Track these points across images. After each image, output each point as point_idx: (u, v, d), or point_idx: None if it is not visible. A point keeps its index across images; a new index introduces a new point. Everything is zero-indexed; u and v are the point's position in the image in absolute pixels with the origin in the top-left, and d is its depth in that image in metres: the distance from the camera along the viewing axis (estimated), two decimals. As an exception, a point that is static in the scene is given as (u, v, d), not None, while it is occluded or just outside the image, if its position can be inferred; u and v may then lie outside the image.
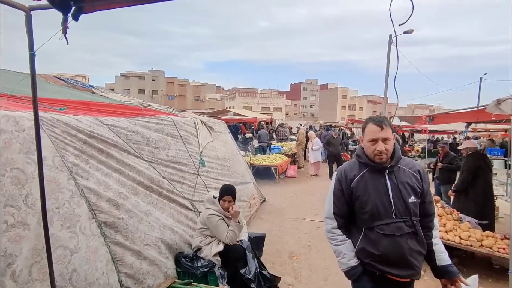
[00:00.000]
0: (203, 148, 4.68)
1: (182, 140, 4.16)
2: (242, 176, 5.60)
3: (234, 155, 5.63)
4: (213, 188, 4.41)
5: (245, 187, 5.48)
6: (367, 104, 68.06)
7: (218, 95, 65.86)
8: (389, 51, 16.53)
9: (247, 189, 5.60)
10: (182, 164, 3.90)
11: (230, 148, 5.64)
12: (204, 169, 4.42)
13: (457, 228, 3.76)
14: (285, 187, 8.74)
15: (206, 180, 4.28)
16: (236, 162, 5.61)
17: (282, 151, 12.21)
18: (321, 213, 6.66)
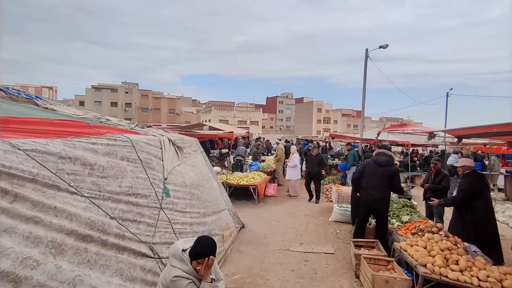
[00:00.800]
0: (169, 174, 3.89)
1: (142, 164, 3.36)
2: (215, 203, 4.82)
3: (206, 180, 4.83)
4: (179, 224, 3.62)
5: (218, 217, 4.68)
6: (341, 117, 69.54)
7: (194, 108, 64.73)
8: (365, 65, 16.61)
9: (221, 219, 4.80)
10: (140, 196, 3.10)
11: (201, 171, 4.83)
12: (169, 200, 3.62)
13: (471, 265, 3.21)
14: (265, 208, 8.01)
15: (171, 214, 3.49)
16: (208, 188, 4.83)
17: (261, 168, 11.54)
18: (307, 241, 5.92)
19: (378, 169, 4.74)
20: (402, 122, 72.60)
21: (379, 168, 4.74)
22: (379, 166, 4.75)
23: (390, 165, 4.76)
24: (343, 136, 15.91)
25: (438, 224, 4.17)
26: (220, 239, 4.63)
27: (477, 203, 4.49)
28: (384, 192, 4.68)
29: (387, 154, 4.87)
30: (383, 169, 4.71)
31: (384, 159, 4.78)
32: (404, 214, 5.25)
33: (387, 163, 4.74)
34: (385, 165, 4.73)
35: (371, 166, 4.85)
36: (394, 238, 4.55)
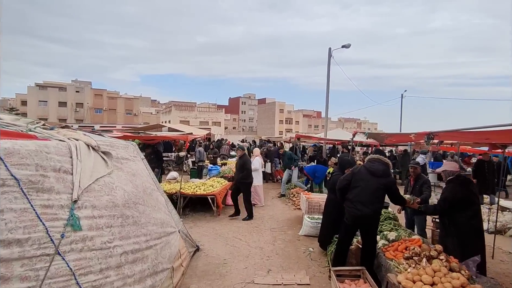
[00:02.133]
0: (86, 191, 2.66)
1: (19, 187, 2.12)
2: (161, 225, 3.63)
3: (148, 194, 3.61)
4: (95, 272, 2.42)
5: (166, 244, 3.49)
6: (303, 118, 70.49)
7: (154, 109, 61.55)
8: (329, 64, 16.22)
9: (170, 246, 3.61)
10: (11, 243, 1.87)
11: (143, 182, 3.61)
12: (78, 236, 2.40)
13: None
14: (226, 222, 6.90)
15: (79, 260, 2.29)
16: (152, 206, 3.62)
17: (221, 173, 10.41)
18: (275, 265, 4.52)
19: (371, 180, 3.89)
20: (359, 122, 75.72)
21: (372, 179, 3.89)
22: (373, 176, 3.91)
23: (386, 175, 3.96)
24: (309, 136, 15.33)
25: (438, 246, 3.41)
26: (168, 275, 3.46)
27: (461, 213, 3.83)
28: (376, 207, 3.87)
29: (383, 162, 4.00)
30: (378, 180, 3.88)
31: (379, 168, 3.94)
32: (389, 230, 4.48)
33: (383, 173, 3.93)
34: (381, 175, 3.90)
35: (362, 175, 3.97)
36: (382, 262, 3.71)
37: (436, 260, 3.18)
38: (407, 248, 3.75)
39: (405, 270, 3.26)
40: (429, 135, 3.08)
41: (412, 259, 3.35)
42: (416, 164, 5.16)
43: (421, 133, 3.20)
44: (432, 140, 3.10)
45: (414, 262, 3.30)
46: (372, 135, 5.09)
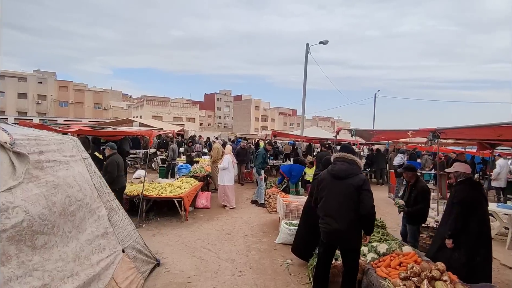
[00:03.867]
0: None
1: None
2: (97, 248, 2.84)
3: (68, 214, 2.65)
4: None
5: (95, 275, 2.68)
6: (279, 115, 70.49)
7: (125, 103, 58.69)
8: (306, 60, 15.81)
9: (101, 276, 2.79)
10: None
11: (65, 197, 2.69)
12: None
13: None
14: (194, 228, 6.14)
15: None
16: (84, 220, 2.82)
17: (192, 172, 9.59)
18: (249, 284, 3.76)
19: (336, 185, 3.20)
20: (333, 121, 77.03)
21: (337, 183, 3.20)
22: (337, 179, 3.21)
23: (353, 174, 3.19)
24: (286, 134, 14.83)
25: (440, 264, 2.90)
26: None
27: (470, 219, 3.41)
28: (350, 218, 3.09)
29: (348, 159, 3.27)
30: (343, 183, 3.16)
31: (342, 168, 3.22)
32: (377, 240, 3.97)
33: (346, 173, 3.19)
34: (345, 176, 3.17)
35: (327, 182, 3.29)
36: (373, 281, 3.17)
37: (440, 283, 2.66)
38: (401, 264, 3.24)
39: (403, 294, 2.73)
40: (434, 132, 2.57)
41: (411, 280, 2.82)
42: (408, 168, 4.57)
43: (424, 129, 2.68)
44: (438, 138, 2.60)
45: (413, 284, 2.77)
46: (360, 132, 4.56)
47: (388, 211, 8.24)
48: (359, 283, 3.46)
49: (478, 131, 2.56)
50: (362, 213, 3.09)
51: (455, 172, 3.52)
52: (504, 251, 5.37)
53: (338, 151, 3.59)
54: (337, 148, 18.30)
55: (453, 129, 2.51)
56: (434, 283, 2.70)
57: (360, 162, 3.41)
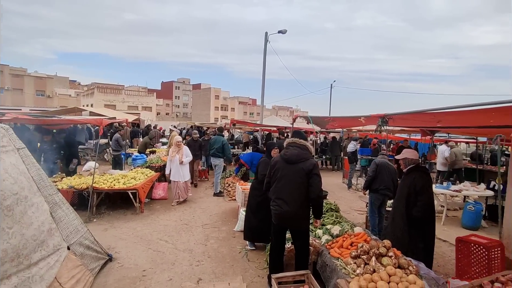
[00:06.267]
0: None
1: None
2: (40, 245, 2.59)
3: (19, 201, 2.49)
4: None
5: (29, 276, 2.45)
6: (238, 105, 70.23)
7: (73, 91, 54.02)
8: (265, 48, 15.80)
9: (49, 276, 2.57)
10: None
11: (7, 184, 2.46)
12: None
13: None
14: (150, 219, 5.92)
15: None
16: (27, 214, 2.55)
17: (148, 162, 9.19)
18: (207, 272, 3.64)
19: (288, 169, 3.28)
20: (291, 110, 78.78)
21: (289, 167, 3.28)
22: (289, 163, 3.29)
23: (304, 159, 3.28)
24: (245, 122, 14.81)
25: (386, 242, 3.10)
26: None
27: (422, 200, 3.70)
28: (300, 201, 3.21)
29: (299, 144, 3.37)
30: (294, 167, 3.25)
31: (294, 153, 3.32)
32: (331, 222, 4.14)
33: (299, 158, 3.28)
34: (296, 160, 3.27)
35: (279, 166, 3.36)
36: (327, 261, 3.31)
37: (386, 258, 2.85)
38: (352, 244, 3.42)
39: (353, 272, 2.88)
40: (383, 118, 2.70)
41: (361, 258, 2.99)
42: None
43: (374, 115, 2.81)
44: (386, 123, 2.74)
45: (363, 261, 2.94)
46: (316, 120, 4.67)
47: (342, 196, 8.69)
48: (314, 264, 3.61)
49: (421, 117, 2.74)
50: (312, 196, 3.21)
51: (404, 159, 3.77)
52: (439, 227, 5.94)
53: (291, 136, 3.66)
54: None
55: (400, 114, 2.66)
56: (381, 259, 2.89)
57: (311, 148, 3.51)
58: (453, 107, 2.48)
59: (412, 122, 3.38)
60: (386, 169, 5.17)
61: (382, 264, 2.82)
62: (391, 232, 4.08)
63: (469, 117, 2.64)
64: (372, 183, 5.13)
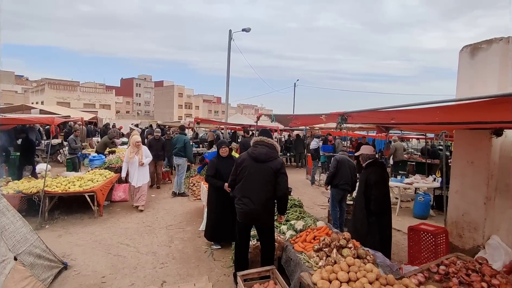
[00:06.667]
0: None
1: None
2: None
3: None
4: None
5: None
6: (203, 103, 69.20)
7: (20, 87, 49.51)
8: (229, 46, 15.72)
9: None
10: None
11: None
12: None
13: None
14: (110, 223, 5.63)
15: None
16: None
17: (108, 163, 8.74)
18: (172, 274, 3.63)
19: (256, 167, 3.30)
20: (256, 109, 79.43)
21: (257, 166, 3.30)
22: (257, 162, 3.31)
23: (272, 158, 3.33)
24: (210, 120, 14.62)
25: (346, 234, 3.26)
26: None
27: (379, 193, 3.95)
28: (266, 199, 3.27)
29: (267, 143, 3.41)
30: (262, 166, 3.29)
31: (262, 152, 3.34)
32: (295, 218, 4.25)
33: (267, 157, 3.32)
34: (264, 159, 3.30)
35: (246, 164, 3.36)
36: (291, 256, 3.40)
37: (346, 250, 2.99)
38: (315, 237, 3.54)
39: (316, 264, 2.99)
40: (342, 115, 2.83)
41: (323, 251, 3.11)
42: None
43: (334, 113, 2.93)
44: (345, 121, 2.87)
45: (325, 254, 3.06)
46: (279, 118, 4.75)
47: (306, 191, 8.96)
48: (279, 259, 3.68)
49: (376, 114, 2.92)
50: (279, 194, 3.30)
51: (361, 154, 4.01)
52: (394, 217, 6.34)
53: (258, 135, 3.70)
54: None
55: (358, 112, 2.80)
56: (341, 250, 3.03)
57: (278, 147, 3.57)
58: (404, 105, 2.66)
59: (369, 119, 3.57)
60: (346, 165, 5.42)
61: (343, 256, 2.95)
62: (352, 224, 4.33)
63: (417, 114, 2.85)
64: (333, 179, 5.35)
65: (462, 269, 2.83)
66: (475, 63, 3.92)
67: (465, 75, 4.03)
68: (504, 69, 3.59)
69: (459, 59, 4.14)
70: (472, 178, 3.93)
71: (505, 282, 2.57)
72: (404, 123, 3.78)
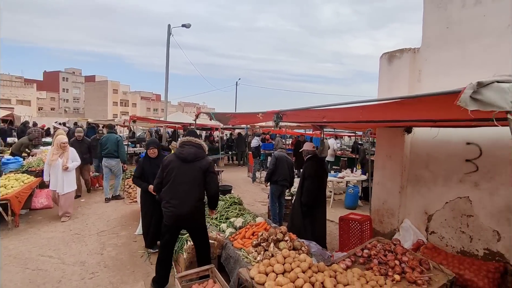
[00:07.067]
0: None
1: None
2: None
3: None
4: None
5: None
6: (141, 100, 65.52)
7: None
8: (168, 41, 15.15)
9: None
10: None
11: None
12: None
13: (335, 282, 2.49)
14: (28, 235, 4.99)
15: None
16: None
17: (26, 166, 7.72)
18: (104, 284, 3.57)
19: (184, 168, 3.23)
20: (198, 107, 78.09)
21: (185, 166, 3.24)
22: (185, 162, 3.25)
23: (200, 157, 3.31)
24: (147, 119, 13.87)
25: (283, 227, 3.40)
26: None
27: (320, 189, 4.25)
28: (197, 199, 3.23)
29: (195, 143, 3.38)
30: (191, 166, 3.24)
31: (190, 152, 3.29)
32: (234, 215, 4.29)
33: (195, 156, 3.28)
34: (193, 159, 3.26)
35: (174, 165, 3.26)
36: (231, 253, 3.43)
37: (283, 243, 3.13)
38: (254, 233, 3.63)
39: (254, 259, 3.07)
40: (278, 114, 2.93)
41: (261, 246, 3.21)
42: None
43: (270, 112, 3.02)
44: (281, 119, 2.98)
45: (263, 248, 3.16)
46: (218, 116, 4.73)
47: (247, 189, 9.11)
48: (219, 258, 3.69)
49: (310, 113, 3.10)
50: (211, 193, 3.34)
51: (303, 150, 4.37)
52: (328, 209, 6.84)
53: (185, 135, 3.67)
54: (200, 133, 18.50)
55: (292, 110, 2.93)
56: (278, 244, 3.16)
57: (205, 146, 3.51)
58: (332, 105, 2.87)
59: (303, 117, 3.78)
60: (284, 162, 5.66)
61: (279, 249, 3.08)
62: (291, 217, 4.58)
63: (345, 113, 3.11)
64: (272, 176, 5.54)
65: (381, 251, 3.18)
66: (392, 68, 4.42)
67: (384, 79, 4.52)
68: (413, 75, 4.12)
69: (379, 65, 4.62)
70: (390, 170, 4.43)
71: (412, 258, 2.97)
72: (334, 121, 4.09)
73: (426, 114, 2.78)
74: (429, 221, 4.11)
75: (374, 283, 2.60)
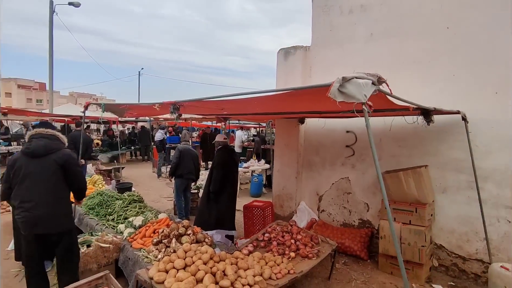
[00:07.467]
0: None
1: None
2: None
3: None
4: None
5: None
6: (18, 89, 54.42)
7: None
8: (51, 21, 12.92)
9: None
10: None
11: None
12: None
13: (236, 269, 2.57)
14: None
15: None
16: None
17: None
18: None
19: (34, 165, 2.66)
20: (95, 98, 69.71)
21: (35, 162, 2.67)
22: (35, 158, 2.68)
23: (55, 149, 2.76)
24: (25, 111, 11.54)
25: (185, 221, 3.31)
26: None
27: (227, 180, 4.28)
28: (56, 198, 2.69)
29: (46, 135, 2.80)
30: (43, 161, 2.68)
31: (39, 144, 2.72)
32: (134, 214, 3.98)
33: (46, 149, 2.72)
34: (44, 153, 2.70)
35: (21, 163, 2.68)
36: (129, 255, 3.18)
37: (185, 237, 3.07)
38: (155, 231, 3.45)
39: (155, 258, 2.92)
40: (174, 104, 2.80)
41: (162, 243, 3.07)
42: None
43: (166, 103, 2.86)
44: (178, 110, 2.85)
45: (164, 245, 3.03)
46: (110, 107, 4.26)
47: (152, 185, 8.62)
48: (116, 262, 3.38)
49: (207, 104, 3.09)
50: (74, 189, 2.89)
51: (215, 142, 4.37)
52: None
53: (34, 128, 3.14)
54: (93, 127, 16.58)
55: (188, 101, 2.85)
56: (181, 239, 3.08)
57: (63, 138, 2.97)
58: (228, 95, 2.89)
59: (202, 109, 3.75)
60: (189, 154, 5.53)
61: (182, 244, 3.01)
62: (199, 208, 4.55)
63: (242, 105, 3.21)
64: (176, 169, 5.36)
65: (279, 233, 3.44)
66: (287, 63, 4.77)
67: (281, 73, 4.85)
68: (305, 70, 4.54)
69: (277, 60, 4.93)
70: (288, 158, 4.83)
71: (305, 236, 3.32)
72: (234, 114, 4.19)
73: (311, 106, 3.09)
74: (320, 201, 4.66)
75: (272, 263, 2.80)
